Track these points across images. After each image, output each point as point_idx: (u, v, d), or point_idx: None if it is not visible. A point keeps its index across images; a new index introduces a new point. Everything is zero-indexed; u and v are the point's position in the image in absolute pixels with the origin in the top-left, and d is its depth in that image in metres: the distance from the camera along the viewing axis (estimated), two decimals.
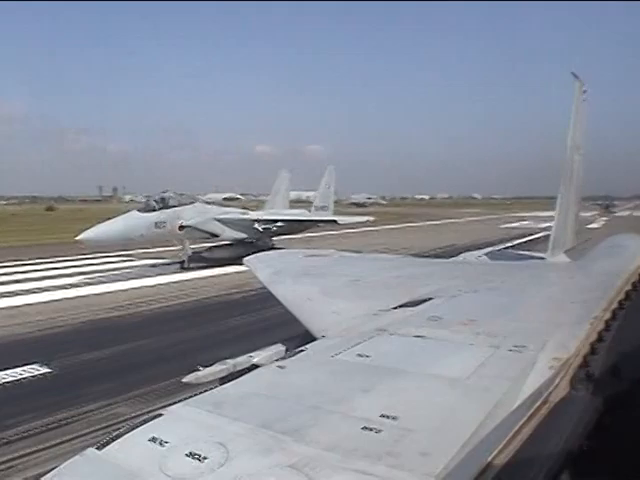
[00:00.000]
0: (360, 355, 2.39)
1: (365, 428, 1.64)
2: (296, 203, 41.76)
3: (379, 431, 1.62)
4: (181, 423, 1.72)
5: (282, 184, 31.84)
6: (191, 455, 1.50)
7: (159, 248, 26.31)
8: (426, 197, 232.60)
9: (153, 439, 1.60)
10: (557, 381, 2.17)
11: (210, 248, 24.93)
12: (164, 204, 22.16)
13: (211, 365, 3.05)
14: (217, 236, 24.37)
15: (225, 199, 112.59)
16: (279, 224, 25.71)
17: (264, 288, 5.24)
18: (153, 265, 23.85)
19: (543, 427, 1.87)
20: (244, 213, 26.54)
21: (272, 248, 26.74)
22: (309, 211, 32.18)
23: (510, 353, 2.38)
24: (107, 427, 7.02)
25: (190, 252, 23.32)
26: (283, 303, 4.33)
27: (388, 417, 1.71)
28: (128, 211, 21.47)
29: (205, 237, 24.18)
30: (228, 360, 3.10)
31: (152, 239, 22.09)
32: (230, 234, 24.69)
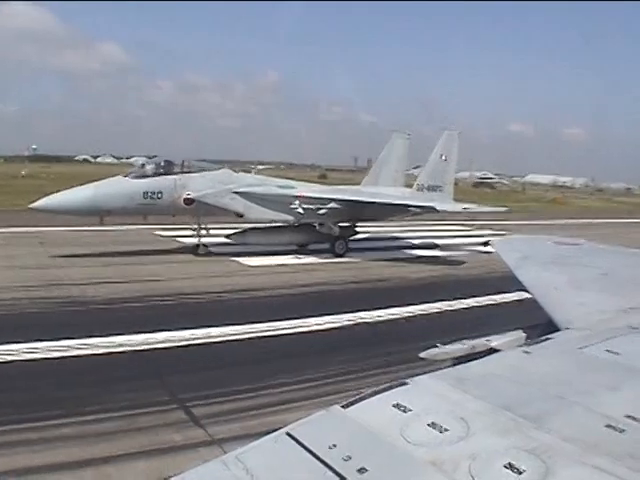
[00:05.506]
0: (609, 351, 2.30)
1: (608, 426, 1.61)
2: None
3: (622, 431, 1.58)
4: (425, 394, 1.81)
5: (393, 152, 22.87)
6: (432, 425, 1.56)
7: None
8: None
9: (397, 405, 1.69)
10: None
11: (245, 230, 18.83)
12: (165, 169, 17.13)
13: (449, 343, 3.12)
14: (241, 215, 18.34)
15: (481, 179, 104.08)
16: (333, 205, 18.16)
17: None
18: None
19: None
20: (285, 187, 19.30)
21: (339, 238, 19.69)
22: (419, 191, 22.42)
23: None
24: None
25: (205, 233, 18.02)
26: (528, 289, 4.12)
27: (634, 419, 1.65)
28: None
29: (229, 216, 18.42)
30: (466, 341, 3.15)
31: (142, 213, 17.02)
32: (257, 213, 18.12)
